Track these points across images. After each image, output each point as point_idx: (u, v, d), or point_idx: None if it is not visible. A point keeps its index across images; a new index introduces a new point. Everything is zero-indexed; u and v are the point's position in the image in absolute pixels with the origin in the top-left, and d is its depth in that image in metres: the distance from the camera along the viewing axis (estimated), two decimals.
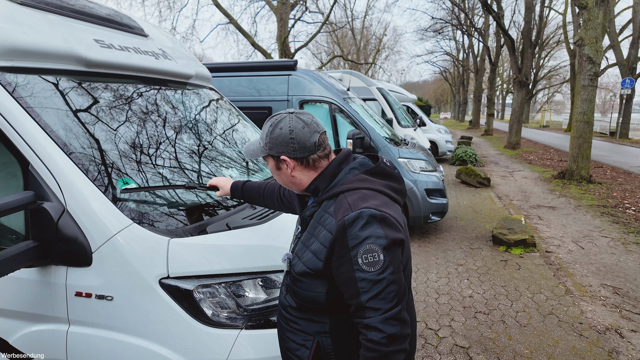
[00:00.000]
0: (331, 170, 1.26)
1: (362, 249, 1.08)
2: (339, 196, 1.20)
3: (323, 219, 1.21)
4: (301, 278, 1.22)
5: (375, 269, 1.08)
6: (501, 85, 53.66)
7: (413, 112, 14.18)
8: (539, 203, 7.95)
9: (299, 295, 1.25)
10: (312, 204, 1.30)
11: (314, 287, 1.20)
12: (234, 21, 17.20)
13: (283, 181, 1.35)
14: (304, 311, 1.27)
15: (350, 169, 1.26)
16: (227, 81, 5.90)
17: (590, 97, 9.52)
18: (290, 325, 1.31)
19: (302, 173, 1.29)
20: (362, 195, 1.17)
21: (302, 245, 1.26)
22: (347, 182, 1.22)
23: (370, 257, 1.08)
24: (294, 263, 1.27)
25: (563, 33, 30.87)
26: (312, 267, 1.18)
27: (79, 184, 1.54)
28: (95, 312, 1.54)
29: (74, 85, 1.88)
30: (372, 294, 1.08)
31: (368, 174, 1.25)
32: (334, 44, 38.95)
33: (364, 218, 1.10)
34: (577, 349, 3.08)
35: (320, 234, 1.19)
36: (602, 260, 4.90)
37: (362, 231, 1.09)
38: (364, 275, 1.08)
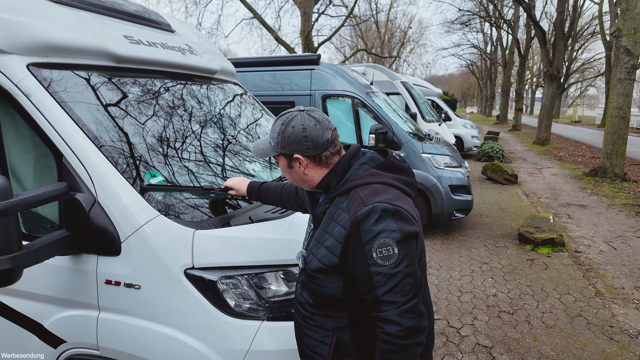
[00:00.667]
0: (342, 167, 1.27)
1: (376, 243, 1.09)
2: (351, 192, 1.20)
3: (336, 215, 1.21)
4: (317, 274, 1.22)
5: (390, 262, 1.08)
6: (530, 79, 51.89)
7: (438, 106, 13.93)
8: (569, 201, 7.67)
9: (315, 292, 1.25)
10: (324, 201, 1.30)
11: (329, 283, 1.21)
12: (258, 16, 17.29)
13: (294, 179, 1.35)
14: (321, 307, 1.27)
15: (361, 164, 1.26)
16: (251, 76, 5.95)
17: (626, 91, 9.09)
18: (308, 322, 1.31)
19: (314, 170, 1.29)
20: (374, 190, 1.17)
21: (315, 242, 1.26)
22: (358, 177, 1.22)
23: (384, 251, 1.08)
24: (308, 260, 1.27)
25: (599, 24, 29.45)
26: (327, 263, 1.19)
27: (109, 176, 1.59)
28: (123, 300, 1.60)
29: (105, 80, 1.94)
30: (388, 288, 1.09)
31: (378, 168, 1.25)
32: (357, 38, 38.60)
33: (377, 212, 1.11)
34: (606, 353, 2.97)
35: (333, 230, 1.19)
36: (636, 262, 4.70)
37: (376, 225, 1.10)
38: (379, 269, 1.09)
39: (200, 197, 1.85)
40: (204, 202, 1.84)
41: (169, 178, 1.82)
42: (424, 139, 5.97)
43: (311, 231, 1.38)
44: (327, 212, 1.27)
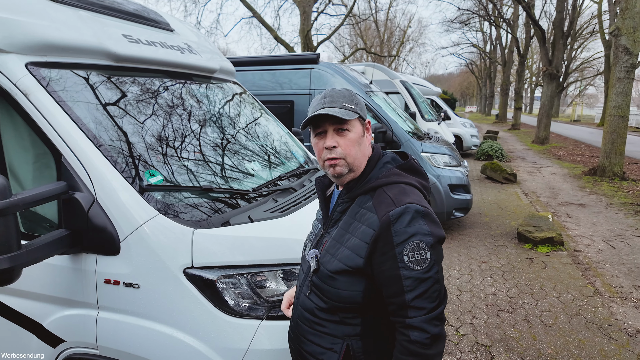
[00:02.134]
0: (371, 164, 1.23)
1: (408, 246, 1.05)
2: (377, 190, 1.16)
3: (359, 214, 1.16)
4: (337, 276, 1.14)
5: (422, 267, 1.04)
6: (530, 78, 51.90)
7: (437, 105, 13.93)
8: (568, 200, 7.68)
9: (331, 295, 1.16)
10: (343, 199, 1.24)
11: (351, 285, 1.13)
12: (257, 15, 17.27)
13: (359, 155, 1.21)
14: (333, 312, 1.18)
15: (385, 164, 1.22)
16: (250, 75, 5.94)
17: (626, 90, 9.10)
18: (314, 327, 1.23)
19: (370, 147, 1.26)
20: (402, 190, 1.13)
21: (334, 242, 1.19)
22: (383, 176, 1.18)
23: (417, 255, 1.04)
24: (325, 261, 1.19)
25: (598, 23, 29.45)
26: (351, 265, 1.12)
27: (108, 175, 1.59)
28: (123, 299, 1.60)
29: (104, 80, 1.94)
30: (417, 293, 1.04)
31: (401, 169, 1.22)
32: (357, 37, 38.58)
33: (410, 213, 1.07)
34: (605, 352, 2.98)
35: (357, 230, 1.14)
36: (635, 261, 4.71)
37: (409, 227, 1.06)
38: (410, 274, 1.04)
39: (199, 197, 1.85)
40: (203, 201, 1.84)
41: (168, 177, 1.82)
42: (424, 138, 5.97)
43: (321, 231, 1.30)
44: (347, 211, 1.21)
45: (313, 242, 1.32)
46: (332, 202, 1.31)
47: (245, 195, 2.02)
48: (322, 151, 1.20)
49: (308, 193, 2.28)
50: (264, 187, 2.17)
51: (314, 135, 1.22)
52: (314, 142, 1.23)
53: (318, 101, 1.21)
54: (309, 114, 1.18)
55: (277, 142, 2.91)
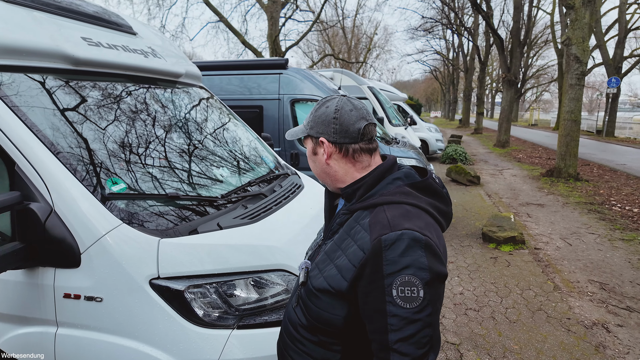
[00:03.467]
0: (375, 178, 1.08)
1: (399, 279, 0.90)
2: (377, 208, 1.02)
3: (354, 231, 1.03)
4: (319, 294, 1.04)
5: (412, 306, 0.89)
6: (490, 84, 54.20)
7: (404, 110, 14.25)
8: (528, 201, 8.05)
9: (312, 313, 1.06)
10: (343, 211, 1.12)
11: (331, 308, 1.02)
12: (224, 19, 17.08)
13: (317, 170, 1.18)
14: (313, 332, 1.08)
15: (394, 179, 1.07)
16: (218, 80, 5.86)
17: (577, 96, 9.67)
18: (296, 344, 1.13)
19: (338, 163, 1.12)
20: (405, 212, 0.98)
21: (325, 256, 1.08)
22: (388, 193, 1.04)
23: (407, 291, 0.90)
24: (313, 274, 1.09)
25: (551, 33, 31.25)
26: (334, 286, 1.00)
27: (67, 184, 1.52)
28: (84, 314, 1.52)
29: (61, 84, 1.85)
30: (403, 336, 0.90)
31: (413, 187, 1.05)
32: (325, 43, 38.94)
33: (406, 241, 0.92)
34: (565, 344, 3.13)
35: (348, 248, 1.01)
36: (590, 257, 4.99)
37: (403, 257, 0.91)
38: (397, 311, 0.90)
39: (165, 205, 1.79)
40: (169, 209, 1.78)
41: (132, 185, 1.76)
42: (391, 143, 6.08)
43: (320, 241, 1.20)
44: (344, 224, 1.09)
45: (313, 251, 1.24)
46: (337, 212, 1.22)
47: (213, 202, 1.98)
48: None
49: (279, 199, 2.27)
50: (233, 193, 2.14)
51: None
52: None
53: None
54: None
55: (246, 147, 2.88)
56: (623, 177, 10.45)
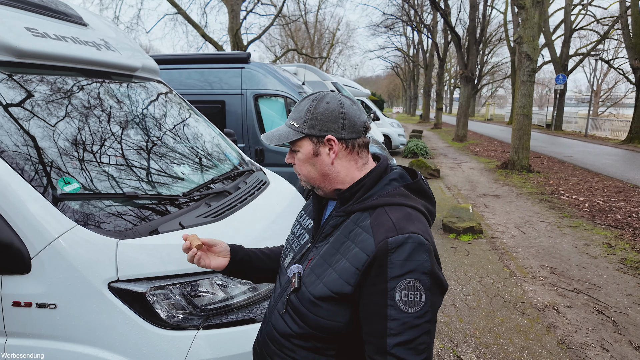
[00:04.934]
0: (374, 179, 1.05)
1: (403, 283, 0.88)
2: (377, 209, 0.99)
3: (354, 234, 0.99)
4: (319, 302, 0.98)
5: (414, 310, 0.88)
6: (449, 81, 56.08)
7: (367, 106, 14.44)
8: (485, 192, 8.43)
9: (309, 321, 1.01)
10: (337, 213, 1.07)
11: (334, 315, 0.98)
12: (182, 11, 16.52)
13: (314, 174, 1.09)
14: (307, 339, 1.03)
15: (391, 180, 1.05)
16: (177, 74, 5.67)
17: (528, 91, 10.20)
18: (284, 352, 1.08)
19: (343, 162, 1.06)
20: (407, 215, 0.97)
21: (322, 260, 1.03)
22: (387, 194, 1.02)
23: (410, 295, 0.88)
24: (308, 281, 1.02)
25: (504, 31, 32.76)
26: (336, 291, 0.95)
27: (13, 185, 1.42)
28: (36, 322, 1.44)
29: (4, 77, 1.72)
30: (401, 340, 0.88)
31: (409, 189, 1.04)
32: (287, 37, 38.65)
33: (412, 244, 0.90)
34: (520, 327, 3.32)
35: (349, 251, 0.97)
36: (541, 244, 5.31)
37: (408, 261, 0.89)
38: (398, 315, 0.88)
39: (123, 204, 1.72)
40: (127, 209, 1.71)
41: (86, 185, 1.67)
42: None
43: (307, 244, 1.13)
44: (340, 226, 1.05)
45: (297, 254, 1.16)
46: (326, 213, 1.16)
47: (175, 200, 1.92)
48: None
49: (244, 196, 2.24)
50: (195, 191, 2.08)
51: None
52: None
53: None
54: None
55: (208, 143, 2.81)
56: (570, 168, 11.17)
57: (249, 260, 1.31)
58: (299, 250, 1.17)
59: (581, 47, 33.31)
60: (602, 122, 24.80)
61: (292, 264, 1.14)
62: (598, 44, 26.88)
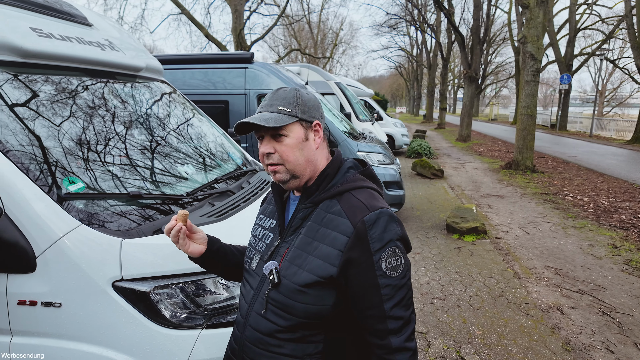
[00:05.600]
0: (334, 168, 1.15)
1: (386, 253, 1.00)
2: (344, 195, 1.08)
3: (327, 220, 1.06)
4: (306, 290, 1.02)
5: (399, 273, 1.01)
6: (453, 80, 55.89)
7: (370, 106, 14.44)
8: (489, 192, 8.39)
9: (297, 311, 1.04)
10: (305, 205, 1.12)
11: (319, 299, 1.03)
12: (186, 11, 16.56)
13: (300, 160, 1.10)
14: (294, 330, 1.06)
15: (348, 168, 1.16)
16: (181, 74, 5.69)
17: (533, 91, 10.15)
18: (271, 350, 1.08)
19: (320, 149, 1.16)
20: (371, 194, 1.08)
21: (299, 251, 1.07)
22: (349, 180, 1.12)
23: (394, 261, 1.00)
24: (289, 273, 1.06)
25: (508, 31, 32.58)
26: (323, 275, 1.01)
27: (19, 185, 1.43)
28: (41, 321, 1.45)
29: (9, 77, 1.73)
30: (396, 301, 1.00)
31: (363, 175, 1.16)
32: (291, 37, 38.66)
33: (385, 218, 1.02)
34: (524, 327, 3.30)
35: (327, 237, 1.04)
36: (545, 244, 5.28)
37: (385, 233, 1.00)
38: (388, 282, 1.00)
39: (127, 204, 1.72)
40: (132, 208, 1.72)
41: (91, 184, 1.68)
42: (359, 138, 6.15)
43: (275, 241, 1.16)
44: (310, 217, 1.11)
45: (264, 253, 1.17)
46: (289, 209, 1.20)
47: (179, 200, 1.92)
48: (263, 157, 1.12)
49: (247, 195, 2.24)
50: (199, 191, 2.09)
51: (258, 139, 1.14)
52: (258, 146, 1.14)
53: (260, 103, 1.14)
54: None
55: (212, 143, 2.82)
56: (574, 169, 11.11)
57: (224, 253, 1.32)
58: (266, 249, 1.18)
59: (586, 46, 33.13)
60: (607, 122, 24.64)
61: (261, 264, 1.15)
62: (603, 43, 26.72)
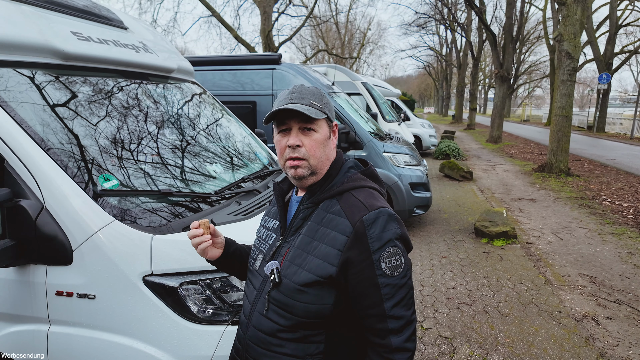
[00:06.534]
0: (336, 169, 1.16)
1: (385, 252, 1.00)
2: (344, 194, 1.09)
3: (327, 220, 1.07)
4: (306, 289, 1.03)
5: (398, 272, 1.01)
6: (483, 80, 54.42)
7: (397, 106, 14.27)
8: (520, 196, 8.12)
9: (298, 310, 1.05)
10: (306, 205, 1.13)
11: (319, 299, 1.03)
12: (216, 14, 16.92)
13: (322, 157, 1.12)
14: (295, 329, 1.07)
15: (349, 168, 1.17)
16: (210, 75, 5.82)
17: (568, 91, 9.75)
18: (272, 349, 1.09)
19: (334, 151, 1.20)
20: (371, 194, 1.09)
21: (299, 251, 1.08)
22: (349, 180, 1.12)
23: (393, 261, 1.00)
24: (289, 273, 1.07)
25: (543, 29, 31.42)
26: (322, 274, 1.02)
27: (58, 181, 1.50)
28: (77, 311, 1.51)
29: (51, 79, 1.83)
30: (396, 300, 1.01)
31: (364, 174, 1.17)
32: (318, 38, 38.79)
33: (384, 217, 1.02)
34: (556, 337, 3.17)
35: (326, 236, 1.05)
36: (580, 251, 5.05)
37: (384, 232, 1.01)
38: (388, 281, 1.00)
39: (158, 201, 1.78)
40: (162, 206, 1.77)
41: (124, 182, 1.74)
42: (385, 139, 6.09)
43: (277, 241, 1.17)
44: (311, 217, 1.12)
45: (267, 253, 1.18)
46: (290, 210, 1.21)
47: (207, 198, 1.97)
48: (285, 149, 1.09)
49: (273, 195, 2.27)
50: (226, 189, 2.13)
51: (277, 132, 1.12)
52: (277, 139, 1.12)
53: (285, 96, 1.11)
54: (274, 108, 1.08)
55: (240, 143, 2.87)
56: (613, 172, 10.58)
57: (239, 254, 1.34)
58: (268, 250, 1.19)
59: (628, 44, 31.47)
60: None
61: (264, 264, 1.17)
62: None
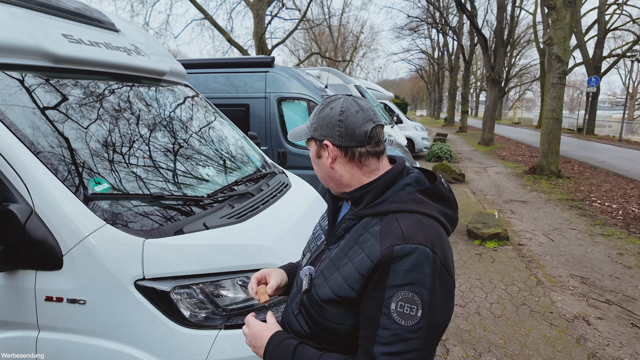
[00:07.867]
0: (385, 183, 1.02)
1: (401, 294, 0.86)
2: (388, 216, 0.97)
3: (363, 238, 0.98)
4: (324, 305, 0.99)
5: (408, 324, 0.86)
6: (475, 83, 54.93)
7: (390, 109, 14.34)
8: (512, 198, 8.19)
9: (317, 323, 1.01)
10: (349, 216, 1.06)
11: (340, 318, 0.97)
12: (209, 17, 16.90)
13: (320, 174, 1.12)
14: (317, 341, 1.04)
15: (405, 185, 1.02)
16: (203, 78, 5.80)
17: (559, 94, 9.87)
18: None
19: (344, 167, 1.06)
20: (418, 222, 0.94)
21: (331, 263, 1.03)
22: (400, 200, 0.99)
23: (407, 308, 0.86)
24: (317, 283, 1.03)
25: (533, 32, 31.85)
26: (341, 295, 0.95)
27: (48, 185, 1.48)
28: (67, 317, 1.49)
29: (41, 82, 1.81)
30: (389, 351, 0.86)
31: (424, 194, 1.01)
32: (311, 41, 38.88)
33: (417, 256, 0.88)
34: (548, 337, 3.20)
35: (355, 256, 0.96)
36: (571, 252, 5.11)
37: (411, 272, 0.87)
38: (390, 325, 0.86)
39: (150, 205, 1.77)
40: (154, 209, 1.76)
41: (116, 185, 1.73)
42: None
43: (322, 245, 1.13)
44: (351, 230, 1.04)
45: (312, 254, 1.17)
46: (341, 215, 1.16)
47: (199, 201, 1.96)
48: None
49: (266, 198, 2.26)
50: (219, 192, 2.12)
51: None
52: None
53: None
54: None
55: (232, 146, 2.86)
56: (603, 174, 10.72)
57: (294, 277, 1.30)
58: (314, 250, 1.17)
59: (616, 48, 32.00)
60: (638, 125, 23.69)
61: (307, 264, 1.15)
62: (634, 44, 25.76)
